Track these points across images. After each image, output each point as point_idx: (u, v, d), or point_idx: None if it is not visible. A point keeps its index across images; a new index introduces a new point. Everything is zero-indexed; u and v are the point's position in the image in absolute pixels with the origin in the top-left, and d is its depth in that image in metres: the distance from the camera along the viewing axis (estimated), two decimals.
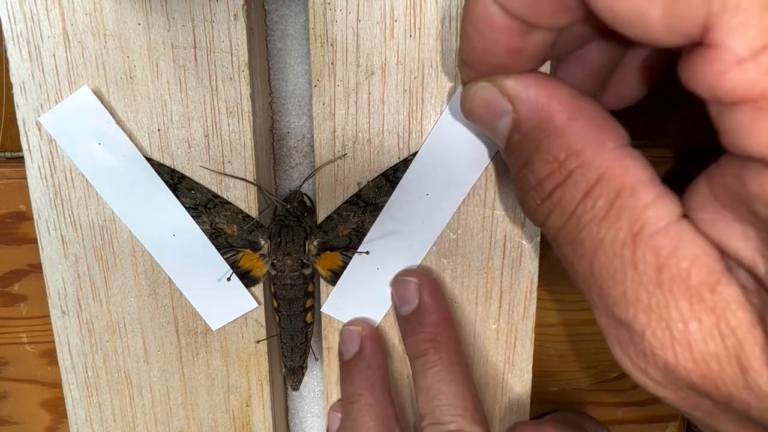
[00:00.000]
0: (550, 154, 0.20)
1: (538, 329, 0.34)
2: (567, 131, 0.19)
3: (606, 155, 0.19)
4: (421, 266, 0.31)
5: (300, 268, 0.31)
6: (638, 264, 0.18)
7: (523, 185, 0.21)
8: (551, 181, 0.20)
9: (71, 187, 0.30)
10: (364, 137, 0.29)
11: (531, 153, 0.20)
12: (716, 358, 0.17)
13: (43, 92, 0.28)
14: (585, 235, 0.19)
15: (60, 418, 0.39)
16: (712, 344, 0.17)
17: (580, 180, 0.19)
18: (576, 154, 0.19)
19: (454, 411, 0.28)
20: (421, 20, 0.27)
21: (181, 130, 0.29)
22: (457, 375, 0.29)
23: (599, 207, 0.19)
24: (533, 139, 0.20)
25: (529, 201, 0.21)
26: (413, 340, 0.30)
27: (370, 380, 0.30)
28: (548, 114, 0.20)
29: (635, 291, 0.18)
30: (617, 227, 0.18)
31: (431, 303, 0.30)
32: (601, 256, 0.19)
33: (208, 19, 0.27)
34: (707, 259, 0.17)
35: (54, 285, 0.31)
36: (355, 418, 0.30)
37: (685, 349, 0.17)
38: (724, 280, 0.17)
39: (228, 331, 0.32)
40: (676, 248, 0.17)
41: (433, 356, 0.29)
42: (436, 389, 0.29)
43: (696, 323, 0.17)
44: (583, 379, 0.39)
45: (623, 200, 0.18)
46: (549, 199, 0.20)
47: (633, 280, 0.18)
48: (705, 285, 0.17)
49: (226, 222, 0.30)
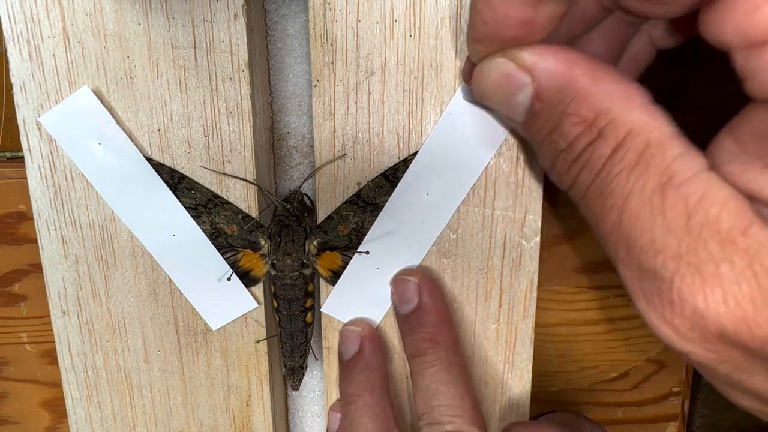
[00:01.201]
0: (578, 116, 0.20)
1: (538, 329, 0.34)
2: (593, 91, 0.20)
3: (634, 111, 0.19)
4: (421, 266, 0.31)
5: (300, 268, 0.31)
6: (667, 212, 0.18)
7: (552, 151, 0.22)
8: (583, 141, 0.20)
9: (71, 187, 0.30)
10: (364, 137, 0.29)
11: (558, 118, 0.21)
12: (750, 299, 0.17)
13: (43, 92, 0.28)
14: (614, 186, 0.19)
15: (60, 418, 0.39)
16: (745, 286, 0.17)
17: (610, 136, 0.19)
18: (605, 113, 0.19)
19: (452, 411, 0.28)
20: (421, 20, 0.27)
21: (181, 130, 0.29)
22: (456, 375, 0.29)
23: (629, 159, 0.19)
24: (559, 103, 0.21)
25: (559, 165, 0.22)
26: (412, 339, 0.30)
27: (369, 381, 0.30)
28: (572, 78, 0.20)
29: (664, 238, 0.18)
30: (646, 176, 0.19)
31: (431, 303, 0.30)
32: (631, 204, 0.19)
33: (208, 19, 0.27)
34: (737, 203, 0.17)
35: (54, 285, 0.31)
36: (353, 419, 0.30)
37: (716, 292, 0.17)
38: (756, 223, 0.17)
39: (228, 331, 0.32)
40: (705, 195, 0.18)
41: (432, 356, 0.29)
42: (434, 389, 0.29)
43: (728, 265, 0.17)
44: (583, 379, 0.39)
45: (652, 152, 0.19)
46: (579, 159, 0.20)
47: (662, 227, 0.18)
48: (737, 228, 0.17)
49: (226, 222, 0.30)
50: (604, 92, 0.20)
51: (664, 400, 0.40)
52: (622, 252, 0.20)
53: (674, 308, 0.18)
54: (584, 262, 0.35)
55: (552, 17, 0.21)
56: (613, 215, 0.20)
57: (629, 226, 0.19)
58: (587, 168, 0.20)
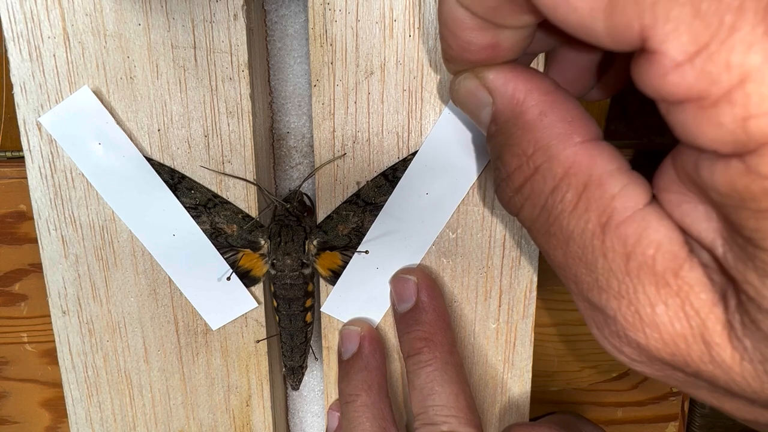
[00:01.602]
0: (519, 148, 0.20)
1: (538, 329, 0.34)
2: (537, 126, 0.20)
3: (572, 149, 0.19)
4: (421, 265, 0.31)
5: (300, 267, 0.31)
6: (607, 253, 0.19)
7: (496, 176, 0.22)
8: (520, 175, 0.21)
9: (71, 187, 0.30)
10: (364, 137, 0.29)
11: (502, 146, 0.21)
12: (683, 337, 0.18)
13: (44, 92, 0.28)
14: (556, 228, 0.20)
15: (60, 418, 0.39)
16: (678, 325, 0.18)
17: (548, 174, 0.20)
18: (543, 149, 0.20)
19: (447, 412, 0.28)
20: (420, 20, 0.27)
21: (181, 130, 0.29)
22: (452, 375, 0.29)
23: (568, 200, 0.19)
24: (506, 132, 0.21)
25: (500, 192, 0.22)
26: (408, 338, 0.30)
27: (367, 381, 0.30)
28: (521, 109, 0.21)
29: (606, 278, 0.19)
30: (586, 219, 0.19)
31: (428, 302, 0.30)
32: (573, 246, 0.19)
33: (208, 20, 0.27)
34: (671, 245, 0.18)
35: (54, 285, 0.31)
36: (350, 418, 0.30)
37: (654, 330, 0.18)
38: (687, 264, 0.18)
39: (228, 331, 0.33)
40: (642, 236, 0.18)
41: (428, 355, 0.29)
42: (429, 389, 0.28)
43: (662, 307, 0.18)
44: (583, 379, 0.39)
45: (590, 192, 0.19)
46: (520, 191, 0.21)
47: (603, 268, 0.19)
48: (669, 270, 0.18)
49: (225, 222, 0.30)
50: (546, 127, 0.20)
51: (664, 400, 0.40)
52: (572, 285, 0.21)
53: (621, 340, 0.20)
54: None
55: (516, 41, 0.21)
56: (558, 254, 0.20)
57: (574, 266, 0.20)
58: (528, 203, 0.21)
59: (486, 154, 0.29)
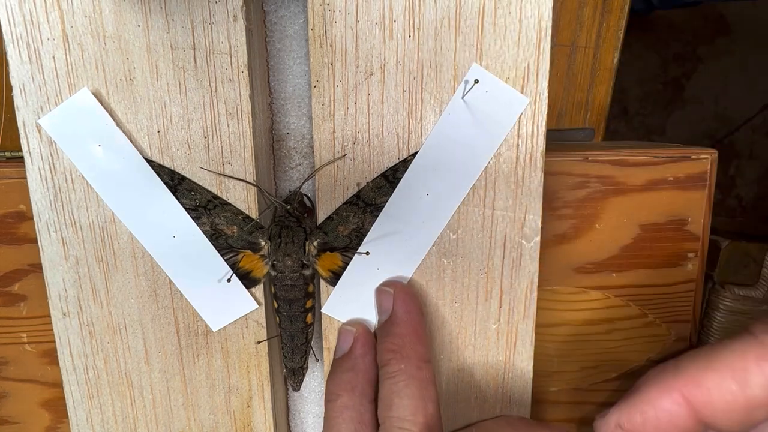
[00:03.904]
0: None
1: (538, 329, 0.34)
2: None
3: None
4: (409, 279, 0.31)
5: (300, 268, 0.31)
6: None
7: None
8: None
9: (71, 189, 0.30)
10: (364, 138, 0.29)
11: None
12: None
13: (43, 94, 0.28)
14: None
15: (60, 418, 0.39)
16: None
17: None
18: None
19: (401, 424, 0.28)
20: (420, 21, 0.27)
21: (181, 132, 0.29)
22: (414, 390, 0.28)
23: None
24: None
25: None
26: (380, 348, 0.30)
27: (351, 382, 0.30)
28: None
29: None
30: None
31: (402, 315, 0.30)
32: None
33: (207, 21, 0.27)
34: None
35: (54, 286, 0.31)
36: (327, 417, 0.30)
37: None
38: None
39: (228, 332, 0.32)
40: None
41: (394, 367, 0.29)
42: (389, 400, 0.28)
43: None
44: (583, 379, 0.39)
45: None
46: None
47: None
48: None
49: (226, 223, 0.30)
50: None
51: None
52: None
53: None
54: (584, 262, 0.35)
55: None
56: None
57: None
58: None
59: (486, 155, 0.29)
